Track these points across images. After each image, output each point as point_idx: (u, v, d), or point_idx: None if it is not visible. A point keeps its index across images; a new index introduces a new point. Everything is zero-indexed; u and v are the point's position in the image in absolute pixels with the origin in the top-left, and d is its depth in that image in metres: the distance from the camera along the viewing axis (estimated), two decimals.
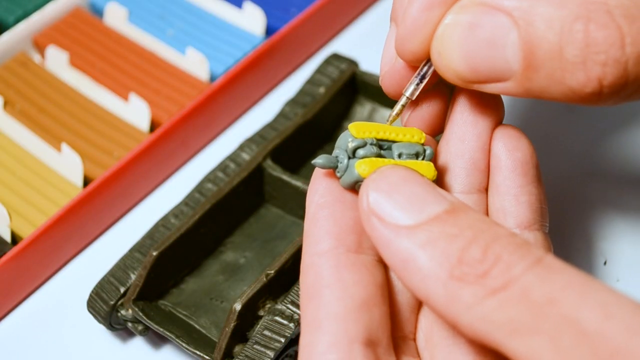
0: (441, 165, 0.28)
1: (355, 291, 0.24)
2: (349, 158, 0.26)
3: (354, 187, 0.26)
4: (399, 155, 0.26)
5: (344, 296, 0.24)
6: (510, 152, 0.27)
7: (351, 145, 0.25)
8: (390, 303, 0.26)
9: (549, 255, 0.21)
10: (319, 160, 0.26)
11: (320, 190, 0.26)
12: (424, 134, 0.27)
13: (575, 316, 0.20)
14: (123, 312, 0.35)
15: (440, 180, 0.28)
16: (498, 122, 0.28)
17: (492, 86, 0.25)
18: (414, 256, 0.22)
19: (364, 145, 0.26)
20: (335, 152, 0.26)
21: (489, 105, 0.27)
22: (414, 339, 0.27)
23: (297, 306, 0.32)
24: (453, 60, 0.25)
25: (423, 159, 0.26)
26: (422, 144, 0.26)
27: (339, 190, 0.26)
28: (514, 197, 0.27)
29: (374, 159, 0.25)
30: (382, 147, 0.26)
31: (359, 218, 0.25)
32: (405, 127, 0.28)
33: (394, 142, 0.26)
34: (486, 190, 0.28)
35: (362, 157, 0.25)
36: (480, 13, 0.24)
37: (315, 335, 0.24)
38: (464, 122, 0.27)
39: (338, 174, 0.26)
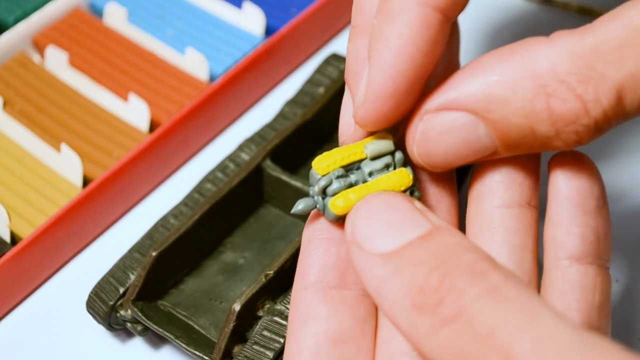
0: (478, 180, 0.27)
1: (329, 326, 0.25)
2: (323, 198, 0.26)
3: (340, 221, 0.26)
4: (370, 174, 0.26)
5: (317, 331, 0.25)
6: (566, 180, 0.26)
7: (318, 187, 0.26)
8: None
9: (509, 282, 0.21)
10: (299, 206, 0.26)
11: (310, 226, 0.27)
12: (390, 137, 0.26)
13: (509, 348, 0.20)
14: (122, 312, 0.35)
15: (478, 193, 0.27)
16: None
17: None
18: (385, 283, 0.22)
19: (330, 182, 0.26)
20: (311, 191, 0.26)
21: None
22: None
23: None
24: (435, 160, 0.25)
25: (394, 168, 0.26)
26: (392, 151, 0.26)
27: (327, 226, 0.26)
28: (565, 227, 0.27)
29: (344, 191, 0.25)
30: (352, 170, 0.26)
31: (343, 254, 0.26)
32: (367, 136, 0.27)
33: (361, 160, 0.26)
34: (529, 204, 0.27)
35: (334, 194, 0.26)
36: (445, 118, 0.25)
37: None
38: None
39: (320, 212, 0.26)
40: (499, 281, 0.21)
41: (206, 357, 0.33)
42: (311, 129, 0.40)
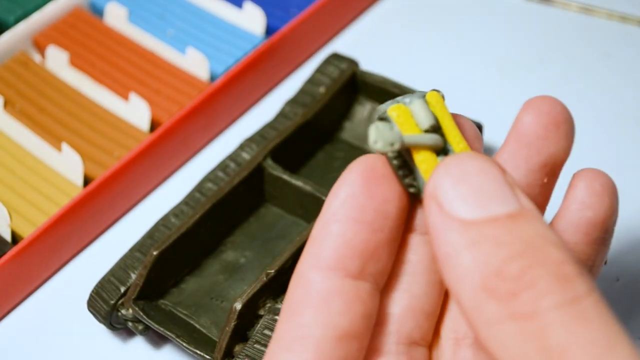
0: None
1: (340, 322, 0.23)
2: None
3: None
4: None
5: (327, 324, 0.23)
6: (580, 209, 0.25)
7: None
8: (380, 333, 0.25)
9: (592, 297, 0.19)
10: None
11: (342, 197, 0.23)
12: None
13: None
14: (123, 311, 0.35)
15: None
16: (559, 162, 0.25)
17: None
18: (457, 252, 0.21)
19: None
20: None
21: (550, 140, 0.25)
22: None
23: None
24: None
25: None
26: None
27: (362, 205, 0.23)
28: None
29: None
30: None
31: (371, 243, 0.23)
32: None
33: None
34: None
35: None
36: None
37: (283, 355, 0.23)
38: (516, 155, 0.25)
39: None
40: (582, 293, 0.20)
41: (207, 356, 0.33)
42: (312, 128, 0.40)
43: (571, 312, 0.19)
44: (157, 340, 0.36)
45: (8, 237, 0.37)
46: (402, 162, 0.23)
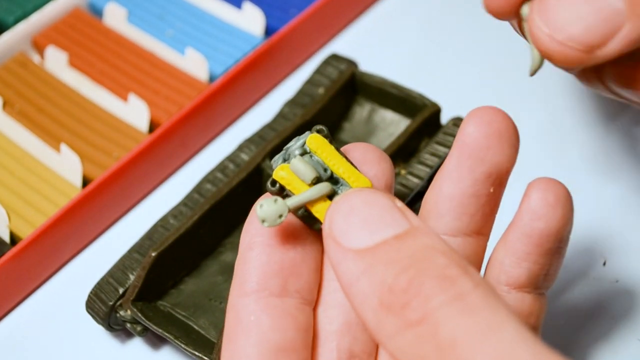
0: (429, 204, 0.27)
1: (272, 336, 0.24)
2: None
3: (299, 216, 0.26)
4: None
5: (260, 341, 0.24)
6: (533, 218, 0.26)
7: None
8: (318, 345, 0.26)
9: (478, 291, 0.21)
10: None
11: (252, 231, 0.26)
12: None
13: None
14: (122, 312, 0.35)
15: (425, 219, 0.27)
16: (504, 171, 0.26)
17: (610, 46, 0.24)
18: (356, 279, 0.22)
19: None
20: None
21: (493, 149, 0.25)
22: None
23: None
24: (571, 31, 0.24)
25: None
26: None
27: (268, 231, 0.26)
28: (516, 259, 0.26)
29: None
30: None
31: (286, 261, 0.25)
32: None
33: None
34: (478, 233, 0.27)
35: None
36: None
37: None
38: (461, 165, 0.26)
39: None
40: (467, 289, 0.21)
41: (206, 358, 0.33)
42: (311, 129, 0.40)
43: (457, 307, 0.20)
44: (156, 341, 0.36)
45: (7, 238, 0.37)
46: (304, 213, 0.25)
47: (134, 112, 0.41)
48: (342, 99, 0.41)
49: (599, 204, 0.39)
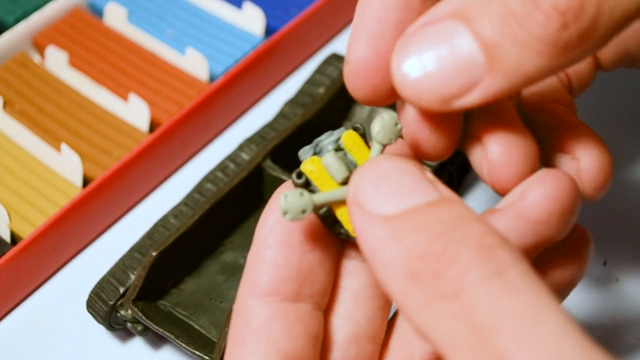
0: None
1: (282, 344, 0.23)
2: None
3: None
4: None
5: (269, 349, 0.23)
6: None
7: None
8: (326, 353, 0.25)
9: (518, 267, 0.19)
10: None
11: (270, 223, 0.24)
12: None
13: (508, 356, 0.18)
14: (122, 312, 0.35)
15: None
16: (551, 242, 0.24)
17: (467, 97, 0.23)
18: (381, 246, 0.20)
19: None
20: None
21: (548, 226, 0.23)
22: None
23: None
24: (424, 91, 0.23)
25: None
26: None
27: (290, 227, 0.24)
28: None
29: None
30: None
31: (303, 264, 0.24)
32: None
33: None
34: None
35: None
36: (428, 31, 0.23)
37: None
38: (512, 229, 0.23)
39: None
40: (507, 263, 0.19)
41: (206, 357, 0.33)
42: (311, 129, 0.40)
43: (496, 286, 0.19)
44: (156, 340, 0.36)
45: (7, 238, 0.37)
46: (326, 213, 0.24)
47: (135, 112, 0.41)
48: (342, 98, 0.41)
49: (599, 204, 0.39)
